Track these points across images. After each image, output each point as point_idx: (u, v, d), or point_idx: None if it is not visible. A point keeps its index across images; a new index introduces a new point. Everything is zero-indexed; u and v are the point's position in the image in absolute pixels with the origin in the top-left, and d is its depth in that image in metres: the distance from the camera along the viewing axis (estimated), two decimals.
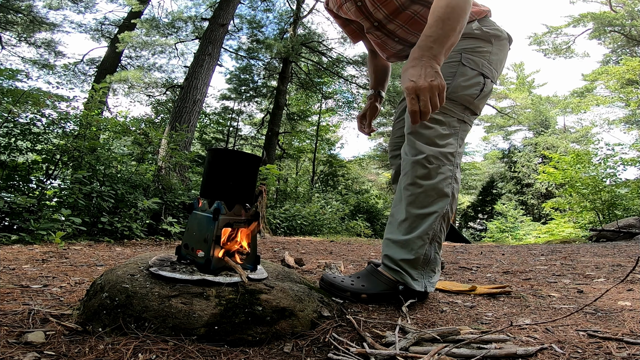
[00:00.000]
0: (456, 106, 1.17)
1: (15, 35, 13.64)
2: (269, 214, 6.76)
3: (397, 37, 1.30)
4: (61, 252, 2.14)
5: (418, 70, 0.94)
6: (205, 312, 0.78)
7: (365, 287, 1.15)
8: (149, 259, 1.02)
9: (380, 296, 1.15)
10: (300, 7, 13.10)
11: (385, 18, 1.25)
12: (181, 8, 13.52)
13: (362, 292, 1.14)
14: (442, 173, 1.14)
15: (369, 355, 0.68)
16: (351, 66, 12.48)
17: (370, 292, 1.14)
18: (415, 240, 1.13)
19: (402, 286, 1.13)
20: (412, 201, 1.15)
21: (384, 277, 1.16)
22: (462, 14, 1.01)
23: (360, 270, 1.26)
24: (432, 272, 1.17)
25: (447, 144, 1.16)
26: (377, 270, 1.19)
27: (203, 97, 7.24)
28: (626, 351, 0.73)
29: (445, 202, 1.15)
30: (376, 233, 11.06)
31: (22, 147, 3.28)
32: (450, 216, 1.18)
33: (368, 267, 1.23)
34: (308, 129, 17.39)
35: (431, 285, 1.17)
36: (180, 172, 5.34)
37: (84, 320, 0.82)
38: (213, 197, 0.98)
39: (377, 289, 1.15)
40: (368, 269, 1.22)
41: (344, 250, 3.40)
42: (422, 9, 1.20)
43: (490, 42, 1.21)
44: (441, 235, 1.16)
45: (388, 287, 1.15)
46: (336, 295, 1.14)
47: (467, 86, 1.17)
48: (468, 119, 1.21)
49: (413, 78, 0.93)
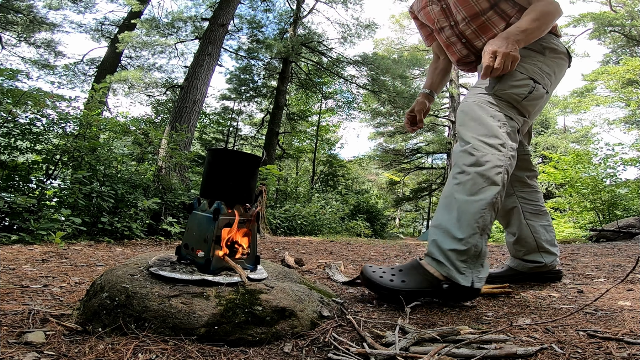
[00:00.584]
0: (502, 102, 1.23)
1: (15, 35, 13.64)
2: (269, 214, 6.76)
3: (465, 39, 1.41)
4: (61, 252, 2.14)
5: (503, 42, 1.11)
6: (205, 312, 0.78)
7: (405, 284, 1.10)
8: (149, 259, 1.02)
9: (420, 293, 1.10)
10: (300, 7, 13.11)
11: (462, 19, 1.37)
12: (181, 8, 13.51)
13: (401, 290, 1.09)
14: (490, 161, 1.14)
15: (369, 355, 0.68)
16: (351, 66, 12.48)
17: (409, 289, 1.09)
18: (465, 228, 1.09)
19: (447, 284, 1.07)
20: (460, 189, 1.14)
21: (426, 273, 1.11)
22: (552, 20, 1.21)
23: (404, 263, 1.21)
24: (480, 267, 1.11)
25: (494, 135, 1.18)
26: (420, 264, 1.14)
27: (203, 97, 7.24)
28: (626, 351, 0.73)
29: (494, 190, 1.12)
30: (376, 233, 11.06)
31: (22, 147, 3.28)
32: (499, 207, 1.16)
33: (413, 260, 1.19)
34: (308, 129, 17.39)
35: (479, 281, 1.10)
36: (180, 172, 5.34)
37: (84, 320, 0.82)
38: (213, 197, 0.98)
39: (418, 285, 1.10)
40: (412, 262, 1.18)
41: (344, 250, 3.40)
42: (496, 17, 1.34)
43: (542, 54, 1.30)
44: (490, 227, 1.13)
45: (430, 285, 1.09)
46: (374, 291, 1.11)
47: (515, 86, 1.23)
48: (515, 117, 1.25)
49: (496, 46, 1.11)
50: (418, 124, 1.63)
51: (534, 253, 1.48)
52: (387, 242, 5.73)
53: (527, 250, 1.49)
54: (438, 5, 1.42)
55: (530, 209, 1.50)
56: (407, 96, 12.16)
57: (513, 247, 1.54)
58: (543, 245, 1.47)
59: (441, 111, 18.98)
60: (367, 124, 19.72)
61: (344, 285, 1.45)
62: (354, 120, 21.89)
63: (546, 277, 1.53)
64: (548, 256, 1.48)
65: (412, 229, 27.62)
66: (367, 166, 22.90)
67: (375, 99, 13.76)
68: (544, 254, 1.48)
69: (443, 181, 18.57)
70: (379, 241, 6.32)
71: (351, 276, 1.64)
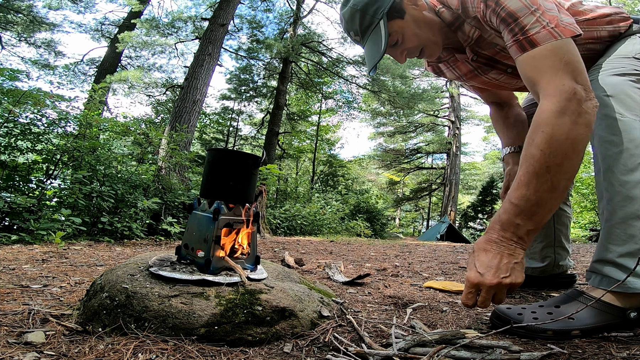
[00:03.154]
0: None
1: (15, 35, 13.65)
2: (269, 214, 6.76)
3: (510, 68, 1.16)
4: (61, 252, 2.14)
5: (490, 259, 0.76)
6: (205, 312, 0.78)
7: (575, 321, 0.81)
8: (149, 259, 1.02)
9: (600, 329, 0.81)
10: (300, 7, 13.11)
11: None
12: (181, 8, 13.56)
13: (573, 329, 0.81)
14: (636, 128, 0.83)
15: (367, 356, 0.68)
16: (351, 66, 12.49)
17: (583, 327, 0.81)
18: (633, 221, 0.81)
19: (635, 313, 0.81)
20: (610, 165, 0.85)
21: (600, 304, 0.82)
22: (572, 157, 0.74)
23: (558, 296, 0.93)
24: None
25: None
26: (583, 293, 0.87)
27: (203, 97, 7.24)
28: (626, 351, 0.73)
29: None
30: (376, 233, 11.06)
31: (23, 147, 3.28)
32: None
33: (570, 291, 0.92)
34: (308, 129, 17.41)
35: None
36: (180, 172, 5.34)
37: (84, 320, 0.82)
38: (213, 197, 0.98)
39: (593, 320, 0.81)
40: (570, 292, 0.90)
41: (344, 250, 3.40)
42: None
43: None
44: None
45: (611, 317, 0.81)
46: (528, 337, 0.81)
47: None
48: None
49: (481, 269, 0.76)
50: None
51: (549, 248, 1.35)
52: (387, 242, 5.73)
53: (542, 242, 1.36)
54: (503, 74, 1.15)
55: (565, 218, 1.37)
56: (407, 96, 12.17)
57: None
58: (561, 240, 1.35)
59: (441, 111, 18.98)
60: (367, 124, 19.75)
61: (344, 285, 1.45)
62: (354, 120, 21.94)
63: (559, 283, 1.39)
64: (562, 253, 1.36)
65: (412, 229, 27.63)
66: (367, 166, 22.93)
67: (375, 99, 13.77)
68: (558, 250, 1.35)
69: (443, 181, 18.57)
70: (379, 241, 6.33)
71: (351, 276, 1.64)
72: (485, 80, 1.20)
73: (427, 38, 1.06)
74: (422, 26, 1.04)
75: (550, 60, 0.79)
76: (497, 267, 0.74)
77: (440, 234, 11.74)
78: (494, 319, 0.91)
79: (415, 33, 1.04)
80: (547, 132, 0.74)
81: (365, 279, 1.61)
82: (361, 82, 12.85)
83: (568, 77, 0.76)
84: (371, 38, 1.03)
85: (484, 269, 0.75)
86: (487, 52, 1.09)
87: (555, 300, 0.90)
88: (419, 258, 2.80)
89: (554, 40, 0.80)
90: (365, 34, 1.05)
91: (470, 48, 1.09)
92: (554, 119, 0.73)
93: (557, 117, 0.73)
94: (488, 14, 0.92)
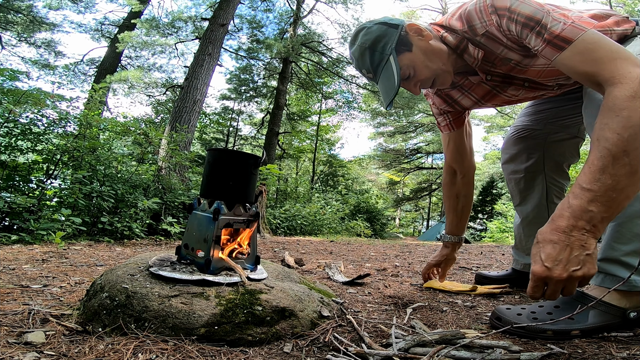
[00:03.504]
0: None
1: (15, 35, 13.65)
2: (269, 214, 6.76)
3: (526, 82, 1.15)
4: (61, 252, 2.14)
5: (559, 252, 0.69)
6: (205, 312, 0.78)
7: (575, 322, 0.83)
8: (149, 259, 1.02)
9: (600, 329, 0.83)
10: (300, 7, 13.11)
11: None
12: (181, 8, 13.55)
13: (572, 329, 0.83)
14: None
15: (367, 356, 0.68)
16: (351, 66, 12.48)
17: (583, 327, 0.82)
18: (639, 219, 0.81)
19: (635, 312, 0.83)
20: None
21: (600, 304, 0.84)
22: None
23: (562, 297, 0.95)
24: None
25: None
26: (583, 294, 0.89)
27: (203, 97, 7.24)
28: (626, 351, 0.73)
29: None
30: (376, 233, 11.06)
31: (23, 147, 3.28)
32: None
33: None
34: (308, 129, 17.41)
35: None
36: (180, 172, 5.34)
37: (84, 320, 0.82)
38: (213, 197, 0.98)
39: (593, 320, 0.83)
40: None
41: (344, 250, 3.40)
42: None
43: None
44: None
45: (611, 317, 0.83)
46: (528, 337, 0.83)
47: None
48: None
49: (548, 262, 0.69)
50: (440, 278, 1.43)
51: None
52: (387, 242, 5.73)
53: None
54: (521, 88, 1.14)
55: (556, 192, 1.38)
56: (406, 96, 12.16)
57: (522, 233, 1.41)
58: None
59: None
60: (367, 124, 19.75)
61: (344, 285, 1.45)
62: (354, 120, 21.93)
63: None
64: None
65: (412, 229, 27.64)
66: (367, 166, 22.93)
67: (375, 99, 13.78)
68: None
69: None
70: (379, 241, 6.33)
71: (351, 276, 1.64)
72: (505, 98, 1.19)
73: (438, 67, 1.05)
74: (431, 56, 1.03)
75: (601, 52, 0.77)
76: (567, 260, 0.68)
77: (440, 234, 11.75)
78: (493, 319, 0.92)
79: (425, 65, 1.03)
80: (623, 116, 0.70)
81: (365, 279, 1.61)
82: (361, 82, 12.85)
83: (629, 64, 0.74)
84: (383, 74, 1.03)
85: (551, 262, 0.69)
86: (501, 69, 1.07)
87: (556, 300, 0.89)
88: (419, 258, 2.80)
89: (583, 32, 0.79)
90: (377, 71, 1.04)
91: (480, 69, 1.09)
92: (630, 103, 0.70)
93: (632, 101, 0.70)
94: (505, 24, 0.90)
